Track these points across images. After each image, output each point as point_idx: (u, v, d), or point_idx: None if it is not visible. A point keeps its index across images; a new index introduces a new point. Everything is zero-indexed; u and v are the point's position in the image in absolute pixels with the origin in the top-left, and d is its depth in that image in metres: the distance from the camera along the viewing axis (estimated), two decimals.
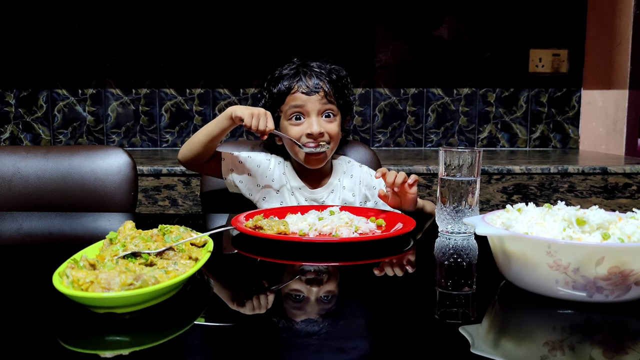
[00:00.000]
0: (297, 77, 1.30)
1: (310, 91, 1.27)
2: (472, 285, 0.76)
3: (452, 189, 0.98)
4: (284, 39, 2.48)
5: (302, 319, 0.63)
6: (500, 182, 1.91)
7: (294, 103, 1.28)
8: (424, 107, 2.55)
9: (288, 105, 1.29)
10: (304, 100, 1.27)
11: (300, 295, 0.72)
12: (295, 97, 1.28)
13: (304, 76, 1.29)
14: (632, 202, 1.91)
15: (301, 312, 0.66)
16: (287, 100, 1.29)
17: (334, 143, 1.31)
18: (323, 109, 1.28)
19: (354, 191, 1.36)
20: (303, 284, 0.78)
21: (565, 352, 0.55)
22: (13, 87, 2.50)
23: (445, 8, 2.50)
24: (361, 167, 1.41)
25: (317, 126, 1.26)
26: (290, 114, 1.29)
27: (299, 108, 1.28)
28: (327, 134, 1.28)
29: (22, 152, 1.43)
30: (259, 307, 0.68)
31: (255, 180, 1.34)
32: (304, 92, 1.28)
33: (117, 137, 2.54)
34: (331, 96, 1.29)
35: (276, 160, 1.37)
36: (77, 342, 0.57)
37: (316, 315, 0.64)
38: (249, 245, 0.97)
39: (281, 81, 1.31)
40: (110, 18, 2.47)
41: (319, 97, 1.28)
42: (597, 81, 2.48)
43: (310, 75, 1.29)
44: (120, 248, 0.71)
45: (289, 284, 0.79)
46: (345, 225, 0.98)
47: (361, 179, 1.37)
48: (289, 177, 1.36)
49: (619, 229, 0.68)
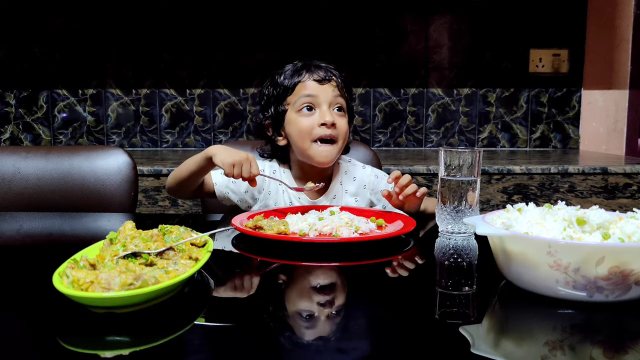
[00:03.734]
0: (306, 67, 1.25)
1: (323, 79, 1.23)
2: (472, 285, 0.76)
3: (453, 189, 0.98)
4: (285, 39, 2.48)
5: (302, 318, 0.63)
6: (500, 182, 1.91)
7: (305, 92, 1.22)
8: (424, 107, 2.55)
9: (298, 96, 1.23)
10: (316, 90, 1.22)
11: (300, 296, 0.72)
12: (307, 86, 1.23)
13: (314, 67, 1.25)
14: (633, 202, 1.91)
15: (301, 311, 0.66)
16: (297, 89, 1.24)
17: (343, 142, 1.25)
18: (335, 101, 1.24)
19: (357, 196, 1.31)
20: (303, 284, 0.78)
21: (565, 352, 0.55)
22: (13, 88, 2.50)
23: (446, 8, 2.50)
24: (364, 168, 1.35)
25: (330, 116, 1.21)
26: (301, 104, 1.22)
27: (311, 98, 1.22)
28: (339, 127, 1.23)
29: (23, 153, 1.43)
30: (259, 307, 0.68)
31: (252, 194, 1.30)
32: (316, 80, 1.23)
33: (117, 138, 2.54)
34: (342, 89, 1.25)
35: (270, 170, 1.32)
36: (77, 342, 0.57)
37: (316, 315, 0.64)
38: (249, 245, 0.97)
39: (288, 73, 1.26)
40: (111, 18, 2.47)
41: (332, 87, 1.23)
42: (597, 81, 2.48)
43: (319, 66, 1.26)
44: (120, 248, 0.71)
45: (289, 284, 0.79)
46: (345, 225, 0.98)
47: (366, 183, 1.32)
48: (286, 187, 1.29)
49: (620, 228, 0.68)
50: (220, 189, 1.28)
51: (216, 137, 2.51)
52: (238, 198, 1.30)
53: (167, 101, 2.52)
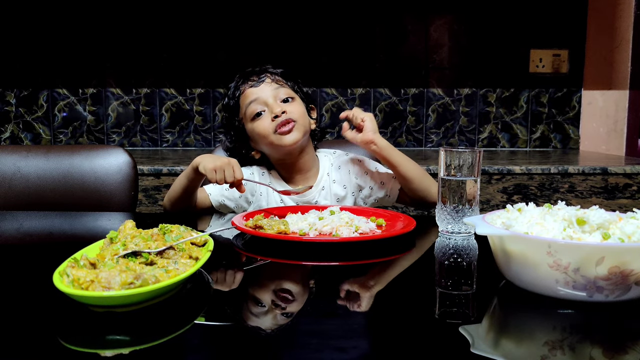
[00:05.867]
0: (242, 79, 1.30)
1: (257, 81, 1.27)
2: (472, 285, 0.76)
3: (453, 189, 0.98)
4: (285, 38, 2.48)
5: (302, 318, 0.63)
6: (500, 182, 1.91)
7: (247, 100, 1.27)
8: (424, 107, 2.55)
9: (244, 106, 1.28)
10: (255, 93, 1.26)
11: (301, 295, 0.72)
12: (247, 94, 1.27)
13: (247, 74, 1.30)
14: (633, 203, 1.91)
15: (301, 311, 0.66)
16: (241, 102, 1.29)
17: (302, 122, 1.26)
18: (277, 94, 1.26)
19: (344, 183, 1.33)
20: (303, 283, 0.78)
21: (565, 352, 0.55)
22: (13, 87, 2.50)
23: (446, 8, 2.50)
24: (347, 155, 1.37)
25: (278, 107, 1.24)
26: (250, 113, 1.26)
27: (254, 103, 1.26)
28: (290, 112, 1.24)
29: (23, 152, 1.43)
30: (259, 306, 0.68)
31: (246, 198, 1.32)
32: (252, 85, 1.27)
33: (117, 137, 2.54)
34: (280, 80, 1.28)
35: (259, 172, 1.34)
36: (77, 341, 0.57)
37: (316, 315, 0.64)
38: (249, 244, 0.97)
39: (231, 93, 1.31)
40: (111, 18, 2.47)
41: (268, 84, 1.27)
42: (597, 81, 2.48)
43: (252, 72, 1.30)
44: (120, 247, 0.71)
45: (289, 284, 0.79)
46: (345, 225, 0.98)
47: (350, 169, 1.33)
48: (275, 186, 1.31)
49: (619, 228, 0.68)
50: (216, 198, 1.31)
51: (216, 137, 2.51)
52: (234, 204, 1.32)
53: (167, 100, 2.52)
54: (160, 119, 2.53)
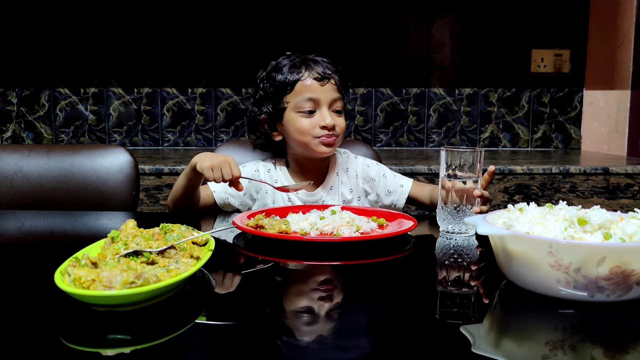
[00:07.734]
0: (305, 64, 1.24)
1: (323, 77, 1.22)
2: (473, 285, 0.76)
3: (454, 189, 0.98)
4: (286, 38, 2.48)
5: (303, 317, 0.63)
6: (502, 182, 1.90)
7: (307, 95, 1.22)
8: (425, 107, 2.55)
9: (299, 97, 1.22)
10: (317, 91, 1.22)
11: (301, 295, 0.72)
12: (308, 86, 1.22)
13: (313, 63, 1.24)
14: (634, 203, 1.91)
15: (302, 311, 0.66)
16: (297, 88, 1.22)
17: (341, 137, 1.27)
18: (334, 103, 1.24)
19: (351, 187, 1.32)
20: (304, 283, 0.78)
21: (566, 352, 0.55)
22: (15, 86, 2.50)
23: (448, 8, 2.50)
24: (357, 158, 1.36)
25: (330, 119, 1.22)
26: (301, 106, 1.22)
27: (313, 99, 1.22)
28: (338, 127, 1.24)
29: (24, 151, 1.43)
30: (260, 306, 0.68)
31: (250, 195, 1.31)
32: (317, 79, 1.22)
33: (118, 136, 2.54)
34: (340, 88, 1.25)
35: (265, 169, 1.32)
36: (78, 340, 0.57)
37: (317, 314, 0.64)
38: (251, 244, 0.97)
39: (286, 69, 1.24)
40: (112, 17, 2.47)
41: (331, 87, 1.23)
42: (599, 81, 2.48)
43: (316, 62, 1.25)
44: (121, 246, 0.71)
45: (290, 283, 0.79)
46: (346, 224, 0.98)
47: (358, 173, 1.33)
48: (283, 182, 1.30)
49: (621, 229, 0.68)
50: (220, 196, 1.29)
51: (217, 136, 2.51)
52: (238, 202, 1.31)
53: (168, 100, 2.52)
54: (161, 118, 2.53)
